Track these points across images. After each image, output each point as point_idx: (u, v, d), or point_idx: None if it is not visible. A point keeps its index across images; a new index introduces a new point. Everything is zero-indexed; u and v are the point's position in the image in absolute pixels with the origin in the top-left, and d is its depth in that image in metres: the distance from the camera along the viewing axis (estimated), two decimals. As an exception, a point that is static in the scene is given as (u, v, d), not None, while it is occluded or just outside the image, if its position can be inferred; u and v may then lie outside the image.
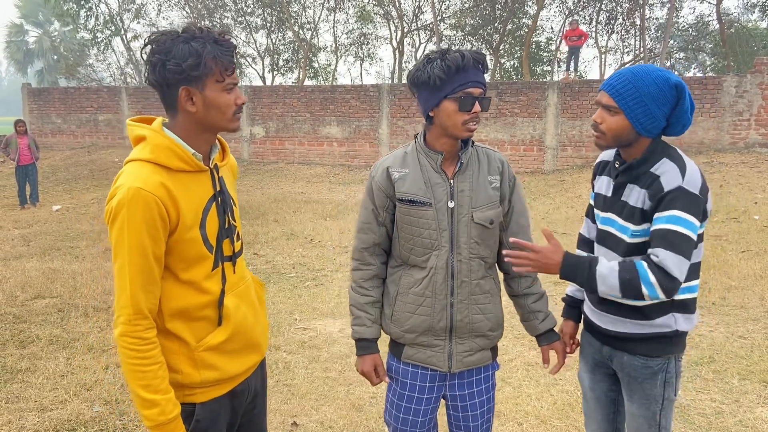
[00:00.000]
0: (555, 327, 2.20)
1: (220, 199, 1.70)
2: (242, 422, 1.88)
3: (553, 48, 24.80)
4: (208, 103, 1.61)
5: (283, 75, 27.18)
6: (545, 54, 25.23)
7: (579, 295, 2.29)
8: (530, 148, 14.33)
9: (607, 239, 2.02)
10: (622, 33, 23.37)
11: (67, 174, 16.20)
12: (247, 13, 25.26)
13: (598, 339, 2.12)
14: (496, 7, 22.17)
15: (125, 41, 25.44)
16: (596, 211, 2.11)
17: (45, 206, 12.15)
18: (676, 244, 1.76)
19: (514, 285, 2.19)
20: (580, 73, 18.56)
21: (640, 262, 1.79)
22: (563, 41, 19.33)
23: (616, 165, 2.00)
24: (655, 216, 1.83)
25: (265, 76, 26.15)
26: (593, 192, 2.18)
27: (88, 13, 23.96)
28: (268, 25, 25.40)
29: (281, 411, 3.57)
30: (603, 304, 2.04)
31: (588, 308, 2.16)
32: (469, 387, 2.10)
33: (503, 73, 24.55)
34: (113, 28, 24.57)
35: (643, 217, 1.88)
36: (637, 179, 1.92)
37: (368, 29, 26.95)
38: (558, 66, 23.99)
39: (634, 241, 1.91)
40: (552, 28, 25.30)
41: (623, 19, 22.49)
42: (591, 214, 2.24)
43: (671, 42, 22.93)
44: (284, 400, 3.72)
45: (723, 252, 7.16)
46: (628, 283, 1.77)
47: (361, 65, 29.08)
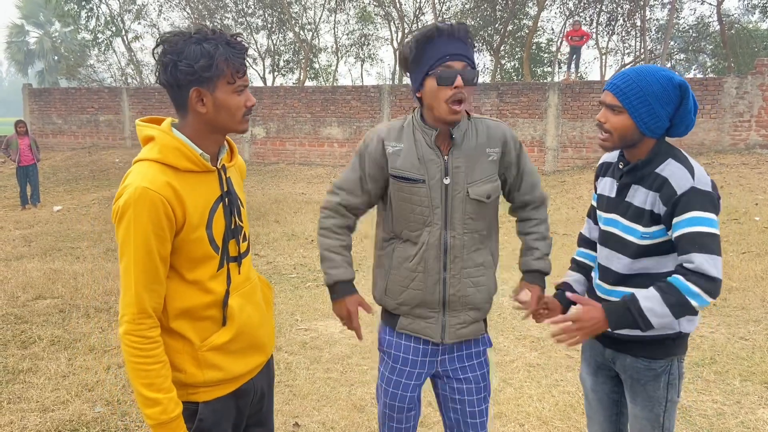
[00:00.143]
0: (546, 276, 2.14)
1: (227, 200, 1.71)
2: (249, 423, 1.88)
3: (553, 49, 24.81)
4: (219, 105, 1.61)
5: (283, 76, 27.22)
6: (546, 55, 25.24)
7: (577, 287, 2.24)
8: (531, 148, 14.32)
9: (610, 240, 2.02)
10: (623, 34, 23.39)
11: (68, 174, 16.21)
12: (248, 14, 25.28)
13: (601, 341, 2.11)
14: (497, 8, 22.18)
15: (126, 42, 25.45)
16: (599, 213, 2.11)
17: (46, 207, 12.16)
18: (705, 244, 1.77)
19: (521, 226, 2.18)
20: (581, 74, 18.56)
21: (674, 277, 1.80)
22: (564, 41, 19.34)
23: (620, 166, 2.00)
24: (674, 221, 1.83)
25: (265, 76, 26.18)
26: (596, 193, 2.18)
27: (88, 14, 23.96)
28: (269, 25, 25.41)
29: (283, 412, 3.57)
30: None
31: None
32: (460, 361, 2.11)
33: (504, 74, 24.56)
34: (114, 28, 24.59)
35: (652, 219, 1.88)
36: (642, 180, 1.92)
37: (369, 30, 26.98)
38: (559, 67, 24.01)
39: (645, 243, 1.91)
40: (552, 29, 25.33)
41: (624, 21, 22.50)
42: (593, 215, 2.25)
43: (672, 43, 22.93)
44: (286, 400, 3.72)
45: (724, 253, 7.15)
46: (677, 303, 1.77)
47: (362, 66, 29.11)
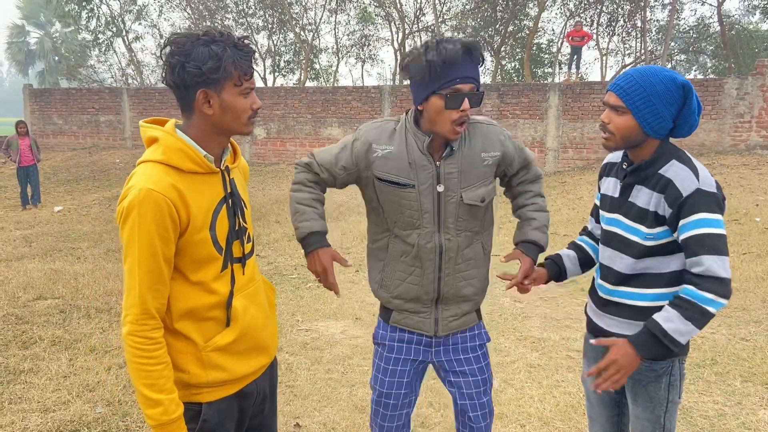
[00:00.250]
0: (542, 250, 2.12)
1: (230, 201, 1.72)
2: (251, 425, 1.88)
3: (554, 50, 24.82)
4: (225, 107, 1.62)
5: (284, 76, 27.22)
6: (546, 56, 25.24)
7: (567, 262, 2.24)
8: (531, 149, 14.24)
9: (612, 240, 2.02)
10: (623, 35, 23.38)
11: (69, 175, 16.21)
12: (249, 15, 25.28)
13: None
14: (498, 8, 22.18)
15: (126, 42, 25.46)
16: (601, 212, 2.11)
17: (46, 207, 12.16)
18: (713, 245, 1.78)
19: (517, 199, 2.18)
20: (581, 75, 18.57)
21: (686, 289, 1.81)
22: (565, 41, 19.34)
23: (624, 166, 2.00)
24: (681, 223, 1.83)
25: (266, 77, 26.18)
26: (599, 193, 2.18)
27: (89, 15, 23.96)
28: (270, 26, 25.42)
29: (284, 412, 3.57)
30: (608, 306, 2.04)
31: (591, 311, 2.16)
32: (455, 353, 2.11)
33: (504, 75, 24.55)
34: (114, 29, 24.59)
35: (657, 220, 1.88)
36: (645, 180, 1.92)
37: (369, 31, 26.98)
38: (559, 68, 24.01)
39: (649, 244, 1.91)
40: (553, 30, 25.35)
41: (624, 21, 22.50)
42: (595, 215, 2.25)
43: (672, 44, 22.92)
44: (287, 401, 3.72)
45: (724, 254, 7.16)
46: (697, 315, 1.78)
47: (363, 67, 29.15)
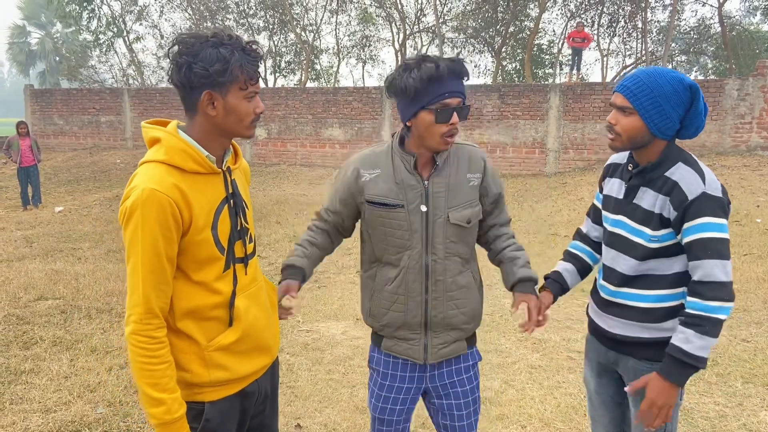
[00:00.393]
0: (535, 284, 2.10)
1: (232, 202, 1.73)
2: (252, 424, 1.88)
3: (555, 51, 24.82)
4: (229, 109, 1.63)
5: (285, 77, 27.23)
6: (547, 57, 25.24)
7: (567, 276, 2.25)
8: (532, 150, 14.33)
9: (617, 242, 2.02)
10: (624, 36, 23.38)
11: (69, 175, 16.22)
12: (249, 15, 25.29)
13: (604, 343, 2.11)
14: (498, 9, 22.19)
15: (127, 43, 25.48)
16: (605, 213, 2.10)
17: (47, 207, 12.17)
18: (717, 250, 1.79)
19: (493, 245, 2.17)
20: (582, 76, 18.57)
21: (692, 302, 1.82)
22: (566, 42, 19.34)
23: (629, 168, 1.99)
24: (685, 226, 1.83)
25: (267, 78, 26.16)
26: (601, 193, 2.18)
27: (90, 15, 24.00)
28: (270, 27, 25.42)
29: (285, 413, 3.57)
30: (610, 307, 2.04)
31: (593, 312, 2.16)
32: (449, 376, 2.12)
33: (505, 76, 24.55)
34: (115, 29, 24.62)
35: (662, 222, 1.88)
36: (651, 182, 1.92)
37: (370, 31, 26.97)
38: (560, 69, 24.01)
39: (654, 246, 1.91)
40: (554, 31, 25.34)
41: (625, 22, 22.50)
42: (593, 214, 2.24)
43: (673, 45, 22.92)
44: (288, 402, 3.72)
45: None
46: (710, 327, 1.79)
47: (363, 67, 29.11)
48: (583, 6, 22.13)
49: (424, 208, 1.96)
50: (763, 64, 12.84)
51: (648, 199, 1.92)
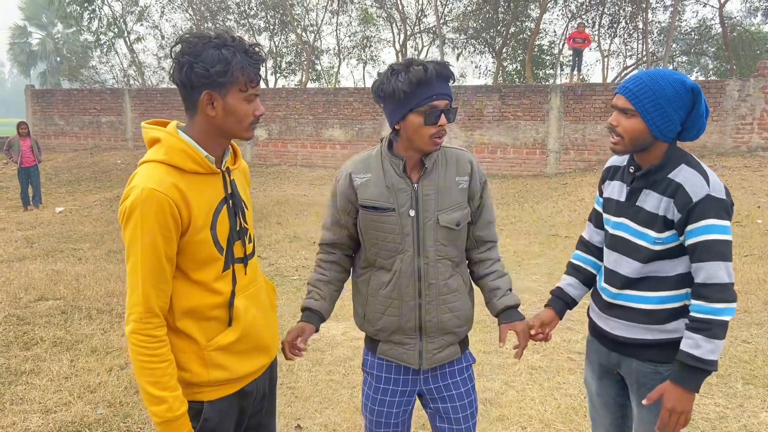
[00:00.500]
0: (518, 308, 2.14)
1: (231, 202, 1.73)
2: (249, 423, 1.89)
3: (556, 51, 24.82)
4: (228, 110, 1.64)
5: (285, 77, 27.25)
6: (548, 57, 25.24)
7: (571, 291, 2.26)
8: (533, 151, 14.33)
9: (619, 244, 2.01)
10: (625, 36, 23.36)
11: (70, 176, 16.24)
12: (250, 16, 25.31)
13: (606, 345, 2.10)
14: (499, 10, 22.19)
15: (128, 43, 25.51)
16: (606, 216, 2.09)
17: (48, 208, 12.18)
18: (720, 251, 1.80)
19: (476, 269, 2.18)
20: (583, 76, 18.56)
21: (697, 306, 1.82)
22: (566, 43, 19.34)
23: (631, 170, 1.99)
24: (689, 228, 1.83)
25: (267, 78, 26.18)
26: (600, 197, 2.17)
27: (91, 15, 24.02)
28: (271, 27, 25.44)
29: (285, 414, 3.57)
30: (612, 309, 2.04)
31: (595, 314, 2.15)
32: (443, 379, 2.12)
33: (506, 77, 24.55)
34: (116, 30, 24.64)
35: (666, 224, 1.88)
36: (654, 185, 1.91)
37: (371, 32, 27.00)
38: (561, 69, 24.00)
39: (658, 248, 1.90)
40: (555, 32, 25.31)
41: (626, 23, 22.49)
42: (594, 219, 2.23)
43: (674, 46, 22.91)
44: (288, 402, 3.72)
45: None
46: (715, 329, 1.79)
47: (364, 68, 29.09)
48: (584, 7, 22.13)
49: (412, 212, 1.98)
50: (764, 64, 12.84)
51: (651, 201, 1.91)
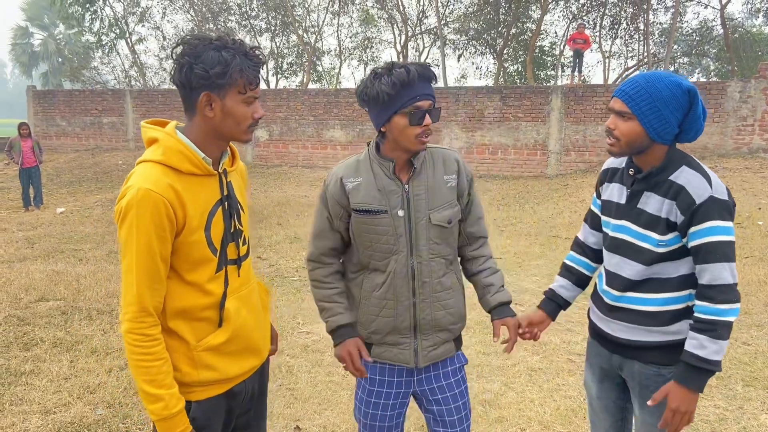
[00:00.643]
0: (510, 304, 2.17)
1: (226, 204, 1.74)
2: (237, 423, 1.90)
3: (557, 53, 24.81)
4: (226, 112, 1.64)
5: (287, 78, 27.26)
6: (549, 58, 25.24)
7: (563, 292, 2.27)
8: (534, 152, 14.33)
9: (621, 247, 2.01)
10: (626, 38, 23.37)
11: (71, 176, 16.26)
12: (252, 17, 25.35)
13: (607, 348, 2.10)
14: (500, 11, 22.20)
15: (130, 44, 25.54)
16: (606, 219, 2.09)
17: (49, 208, 12.19)
18: (724, 253, 1.80)
19: (469, 266, 2.21)
20: (584, 77, 18.54)
21: (701, 307, 1.83)
22: (567, 45, 19.34)
23: (630, 172, 1.98)
24: (692, 230, 1.83)
25: (269, 79, 26.21)
26: (597, 199, 2.17)
27: (93, 16, 24.07)
28: (273, 28, 25.47)
29: (284, 415, 3.57)
30: (614, 312, 2.03)
31: (596, 316, 2.14)
32: (437, 380, 2.13)
33: (507, 78, 24.56)
34: (118, 31, 24.69)
35: (668, 226, 1.88)
36: (655, 187, 1.91)
37: (372, 33, 27.00)
38: (562, 70, 24.00)
39: (661, 250, 1.90)
40: (556, 33, 25.25)
41: (627, 24, 22.49)
42: (590, 220, 2.23)
43: (675, 47, 22.90)
44: (287, 404, 3.72)
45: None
46: (720, 330, 1.80)
47: (365, 69, 29.06)
48: (585, 8, 22.14)
49: (402, 212, 2.00)
50: (766, 66, 12.83)
51: (653, 203, 1.91)
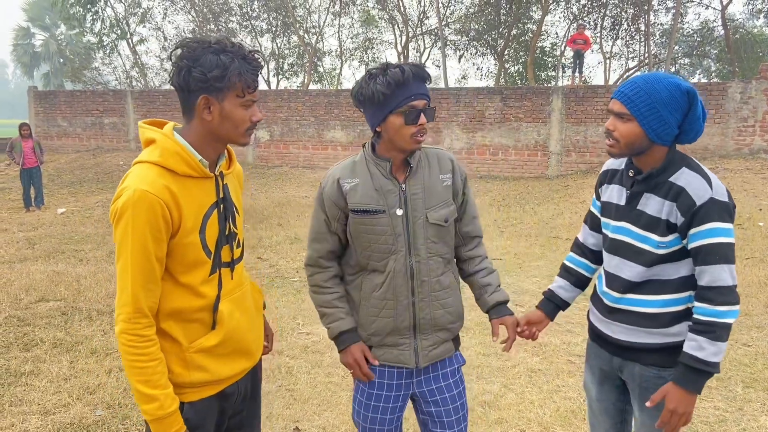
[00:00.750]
0: (508, 303, 2.19)
1: (222, 206, 1.74)
2: (230, 424, 1.90)
3: (557, 53, 24.80)
4: (224, 115, 1.65)
5: (287, 79, 27.27)
6: (550, 59, 25.22)
7: (561, 293, 2.28)
8: (534, 153, 14.32)
9: (621, 248, 2.00)
10: (627, 39, 23.35)
11: (72, 177, 16.27)
12: (253, 18, 25.35)
13: (607, 349, 2.10)
14: (501, 12, 22.20)
15: (131, 45, 25.55)
16: (605, 220, 2.09)
17: (50, 209, 12.20)
18: (724, 254, 1.81)
19: (465, 266, 2.22)
20: (585, 78, 18.53)
21: (701, 308, 1.83)
22: (567, 46, 19.33)
23: (630, 173, 1.98)
24: (692, 231, 1.83)
25: (269, 80, 26.22)
26: (597, 200, 2.16)
27: (94, 17, 24.11)
28: (273, 29, 25.48)
29: (283, 416, 3.57)
30: (614, 314, 2.03)
31: (596, 318, 2.14)
32: (436, 381, 2.14)
33: (508, 78, 24.54)
34: (119, 31, 24.72)
35: (668, 228, 1.88)
36: (655, 188, 1.91)
37: (373, 34, 27.00)
38: (563, 71, 23.98)
39: (661, 252, 1.90)
40: (557, 34, 25.15)
41: (628, 25, 22.47)
42: (590, 221, 2.23)
43: (676, 48, 22.88)
44: (286, 405, 3.72)
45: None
46: (719, 332, 1.80)
47: (366, 70, 29.15)
48: (586, 9, 22.13)
49: (400, 211, 2.00)
50: (767, 67, 12.81)
51: (653, 205, 1.90)
